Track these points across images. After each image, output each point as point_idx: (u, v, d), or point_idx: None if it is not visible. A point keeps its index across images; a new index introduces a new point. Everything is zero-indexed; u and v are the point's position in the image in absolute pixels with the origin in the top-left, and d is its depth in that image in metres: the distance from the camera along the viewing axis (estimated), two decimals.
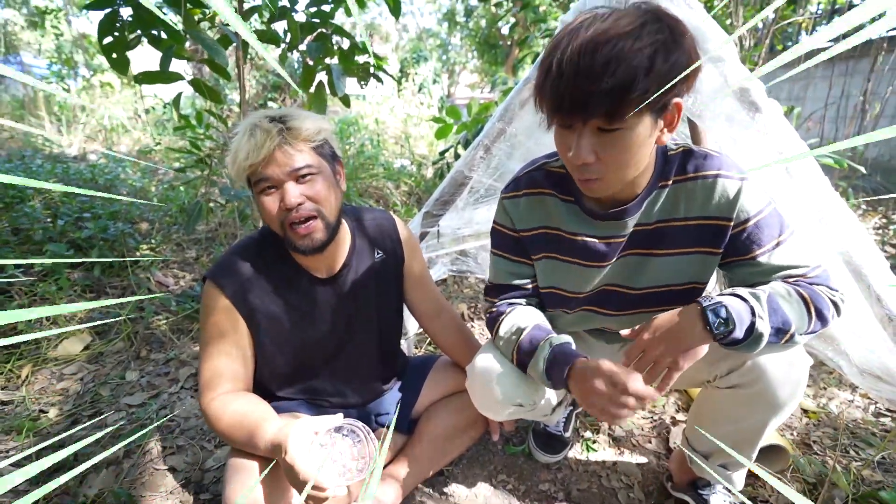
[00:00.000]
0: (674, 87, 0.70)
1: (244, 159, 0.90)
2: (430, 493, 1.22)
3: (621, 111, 0.70)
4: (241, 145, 0.91)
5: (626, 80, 0.67)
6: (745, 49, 3.59)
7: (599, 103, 0.69)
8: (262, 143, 0.89)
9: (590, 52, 0.68)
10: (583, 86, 0.69)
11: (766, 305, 0.78)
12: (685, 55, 0.70)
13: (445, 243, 1.73)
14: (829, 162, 1.91)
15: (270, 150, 0.90)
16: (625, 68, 0.67)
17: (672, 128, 0.78)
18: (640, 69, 0.67)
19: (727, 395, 0.91)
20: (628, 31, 0.68)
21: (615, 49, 0.67)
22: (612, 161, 0.76)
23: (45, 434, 1.40)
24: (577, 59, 0.68)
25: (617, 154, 0.75)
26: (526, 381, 1.00)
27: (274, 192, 0.93)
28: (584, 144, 0.75)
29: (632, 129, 0.73)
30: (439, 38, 17.27)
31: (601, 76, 0.67)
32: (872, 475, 1.23)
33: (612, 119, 0.71)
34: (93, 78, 7.38)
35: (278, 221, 0.95)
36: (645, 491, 1.23)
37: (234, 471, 0.91)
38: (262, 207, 0.95)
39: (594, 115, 0.71)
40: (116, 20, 1.62)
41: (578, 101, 0.71)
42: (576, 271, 0.99)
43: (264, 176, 0.92)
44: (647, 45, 0.67)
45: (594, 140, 0.75)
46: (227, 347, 1.00)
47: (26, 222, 2.37)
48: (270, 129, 0.91)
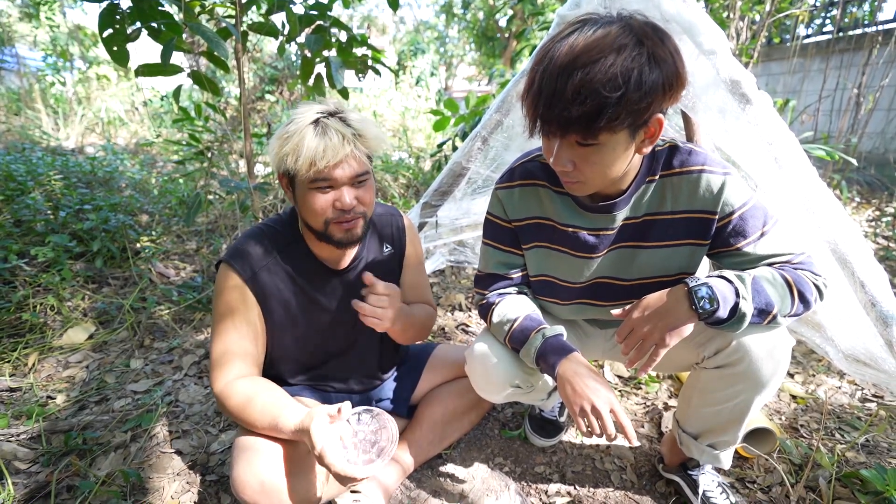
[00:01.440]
0: (650, 107, 0.74)
1: (319, 158, 0.89)
2: (430, 475, 1.26)
3: (592, 133, 0.74)
4: (309, 142, 0.89)
5: (594, 109, 0.71)
6: (742, 42, 3.60)
7: (570, 126, 0.74)
8: (338, 147, 0.90)
9: (564, 76, 0.71)
10: (555, 109, 0.73)
11: (749, 287, 0.82)
12: (664, 76, 0.73)
13: (443, 233, 1.76)
14: (822, 154, 1.94)
15: (344, 155, 0.92)
16: (593, 97, 0.70)
17: (653, 140, 0.82)
18: (610, 98, 0.70)
19: (714, 375, 0.95)
20: (603, 55, 0.70)
21: (587, 76, 0.70)
22: (588, 170, 0.82)
23: (54, 419, 1.43)
24: (553, 82, 0.72)
25: (592, 165, 0.81)
26: (522, 364, 1.04)
27: (329, 191, 0.95)
28: (562, 155, 0.80)
29: (606, 145, 0.77)
30: (437, 30, 17.17)
31: (571, 104, 0.71)
32: (857, 457, 1.28)
33: (586, 138, 0.75)
34: (89, 70, 7.34)
35: (324, 219, 0.97)
36: (637, 473, 1.27)
37: (242, 450, 0.95)
38: (310, 202, 0.95)
39: (569, 132, 0.76)
40: (116, 12, 1.62)
41: (552, 122, 0.75)
42: (567, 261, 1.02)
43: (329, 177, 0.93)
44: (619, 73, 0.69)
45: (571, 151, 0.80)
46: (238, 325, 1.03)
47: (28, 214, 2.39)
48: (345, 133, 0.92)
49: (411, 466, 1.22)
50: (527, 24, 4.96)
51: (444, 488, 1.22)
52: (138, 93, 6.62)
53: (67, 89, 6.69)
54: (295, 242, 1.09)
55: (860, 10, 4.39)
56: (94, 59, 7.72)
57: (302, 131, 0.91)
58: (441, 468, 1.28)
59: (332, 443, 0.84)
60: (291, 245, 1.09)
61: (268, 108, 4.54)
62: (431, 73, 11.45)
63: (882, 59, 3.58)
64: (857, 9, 4.41)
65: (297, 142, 0.91)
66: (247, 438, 0.97)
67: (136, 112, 6.32)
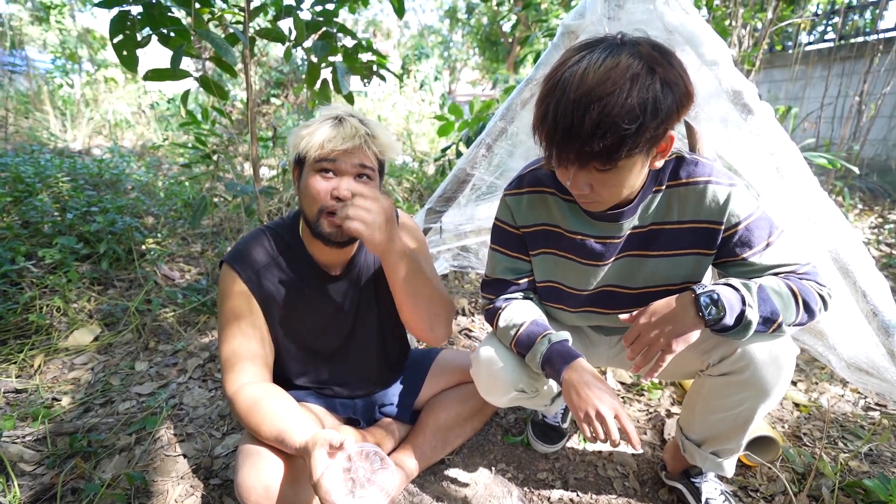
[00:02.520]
0: (666, 130, 0.76)
1: (327, 141, 0.96)
2: (432, 481, 1.26)
3: (611, 162, 0.76)
4: (325, 129, 0.97)
5: (614, 143, 0.73)
6: (744, 49, 3.62)
7: (590, 159, 0.76)
8: (349, 135, 0.97)
9: (581, 110, 0.72)
10: (575, 144, 0.74)
11: (756, 295, 0.82)
12: (677, 99, 0.74)
13: (447, 239, 1.77)
14: (824, 162, 1.95)
15: (354, 144, 0.97)
16: (613, 131, 0.71)
17: (665, 154, 0.83)
18: (630, 130, 0.71)
19: (719, 383, 0.95)
20: (618, 87, 0.70)
21: (605, 109, 0.70)
22: (605, 192, 0.83)
23: (59, 421, 1.44)
24: (570, 117, 0.73)
25: (611, 188, 0.83)
26: (528, 369, 1.04)
27: (331, 177, 0.99)
28: (580, 180, 0.82)
29: (624, 168, 0.79)
30: (441, 34, 17.25)
31: (591, 138, 0.72)
32: (860, 466, 1.28)
33: (605, 165, 0.77)
34: (97, 73, 7.40)
35: (319, 205, 0.99)
36: (640, 480, 1.27)
37: (247, 456, 0.95)
38: (310, 185, 0.99)
39: (588, 163, 0.77)
40: (127, 19, 1.65)
41: (571, 154, 0.76)
42: (574, 268, 1.03)
43: (334, 160, 0.98)
44: (637, 105, 0.71)
45: (588, 177, 0.81)
46: (244, 327, 1.04)
47: (36, 216, 2.41)
48: (359, 128, 0.99)
49: (414, 472, 1.23)
50: (530, 30, 4.99)
51: (447, 494, 1.22)
52: (145, 95, 6.67)
53: (75, 91, 6.75)
54: (295, 246, 1.11)
55: (861, 18, 4.40)
56: (103, 62, 7.79)
57: (322, 120, 0.99)
58: (444, 473, 1.28)
59: (330, 474, 0.85)
60: (291, 248, 1.10)
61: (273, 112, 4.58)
62: (435, 77, 11.50)
63: (883, 67, 3.58)
64: (858, 17, 4.43)
65: (314, 127, 0.98)
66: (251, 445, 0.97)
67: (143, 115, 6.37)
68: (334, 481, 0.85)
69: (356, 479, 0.90)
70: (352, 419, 1.24)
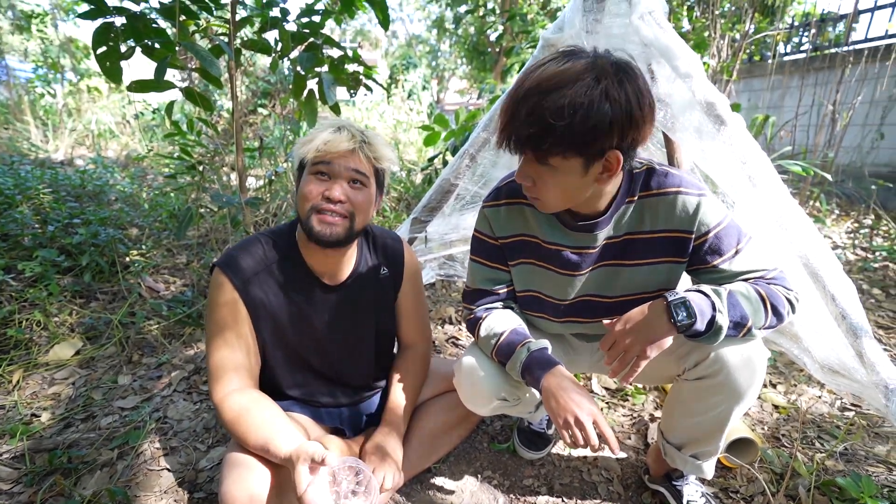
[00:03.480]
0: (596, 140, 0.79)
1: (323, 143, 1.02)
2: (419, 489, 1.26)
3: (542, 154, 0.82)
4: (323, 134, 1.03)
5: (540, 132, 0.78)
6: (723, 60, 3.72)
7: (522, 145, 0.83)
8: (345, 139, 1.03)
9: (523, 101, 0.80)
10: (511, 127, 0.83)
11: (725, 301, 0.85)
12: (612, 115, 0.77)
13: (433, 248, 1.78)
14: (798, 170, 2.01)
15: (348, 148, 1.03)
16: (540, 122, 0.78)
17: (612, 174, 0.86)
18: (555, 126, 0.77)
19: (694, 387, 0.98)
20: (560, 87, 0.77)
21: (539, 103, 0.78)
22: (544, 190, 0.88)
23: (38, 437, 1.42)
24: (514, 105, 0.81)
25: (548, 186, 0.87)
26: (509, 377, 1.06)
27: (325, 179, 1.03)
28: (524, 169, 0.89)
29: (559, 169, 0.84)
30: (429, 44, 17.41)
31: (521, 126, 0.80)
32: (835, 465, 1.31)
33: (538, 158, 0.83)
34: (80, 82, 7.32)
35: (311, 204, 1.02)
36: (623, 484, 1.29)
37: (232, 466, 0.95)
38: (303, 186, 1.04)
39: (522, 151, 0.85)
40: (111, 30, 1.65)
41: (509, 138, 0.84)
42: (552, 278, 1.06)
43: (328, 163, 1.02)
44: (566, 105, 0.76)
45: (530, 168, 0.87)
46: (231, 337, 1.04)
47: (15, 228, 2.37)
48: (356, 134, 1.05)
49: (401, 481, 1.23)
50: (516, 40, 5.07)
51: (434, 502, 1.22)
52: (129, 106, 6.61)
53: (57, 101, 6.66)
54: (291, 254, 1.11)
55: (834, 30, 4.56)
56: (86, 72, 7.71)
57: (322, 128, 1.05)
58: (430, 482, 1.29)
59: (315, 488, 0.86)
60: (287, 256, 1.11)
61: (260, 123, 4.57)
62: (423, 86, 11.59)
63: (854, 77, 3.71)
64: (832, 29, 4.59)
65: (315, 133, 1.04)
66: (237, 454, 0.97)
67: (128, 125, 6.31)
68: (319, 495, 0.85)
69: (340, 493, 0.90)
70: (338, 429, 1.24)
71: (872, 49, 3.80)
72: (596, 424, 0.87)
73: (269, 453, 0.93)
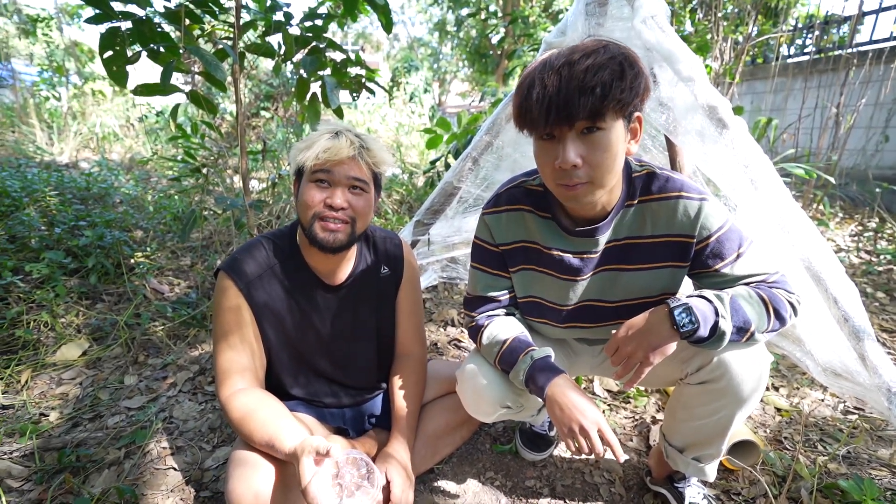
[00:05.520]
0: (640, 94, 0.82)
1: (322, 151, 1.02)
2: (422, 490, 1.27)
3: (603, 110, 0.79)
4: (322, 141, 1.03)
5: (607, 80, 0.78)
6: (726, 62, 3.72)
7: (586, 103, 0.78)
8: (344, 146, 1.03)
9: (570, 65, 0.79)
10: (570, 89, 0.78)
11: (728, 306, 0.85)
12: (640, 74, 0.82)
13: (436, 251, 1.79)
14: (801, 173, 2.01)
15: (348, 155, 1.04)
16: (604, 72, 0.78)
17: (637, 139, 0.89)
18: (615, 74, 0.78)
19: (697, 391, 0.98)
20: (596, 49, 0.80)
21: (593, 59, 0.79)
22: (595, 163, 0.84)
23: (47, 436, 1.43)
24: (560, 71, 0.79)
25: (600, 155, 0.83)
26: (512, 385, 1.06)
27: (326, 187, 1.04)
28: (570, 148, 0.83)
29: (610, 130, 0.82)
30: (430, 47, 17.45)
31: (585, 78, 0.78)
32: (838, 468, 1.31)
33: (595, 118, 0.80)
34: (84, 86, 7.38)
35: (313, 211, 1.04)
36: (625, 486, 1.30)
37: (238, 464, 0.96)
38: (306, 194, 1.05)
39: (580, 117, 0.80)
40: (117, 34, 1.67)
41: (565, 105, 0.79)
42: (553, 283, 1.06)
43: (329, 171, 1.03)
44: (614, 60, 0.79)
45: (578, 144, 0.83)
46: (233, 342, 1.06)
47: (23, 230, 2.40)
48: (354, 141, 1.06)
49: (411, 491, 1.23)
50: (518, 43, 5.09)
51: (437, 502, 1.23)
52: (134, 109, 6.66)
53: (62, 104, 6.72)
54: (293, 256, 1.13)
55: (838, 32, 4.56)
56: (90, 75, 7.77)
57: (320, 134, 1.05)
58: (433, 483, 1.30)
59: (318, 480, 0.87)
60: (289, 258, 1.13)
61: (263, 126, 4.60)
62: (425, 89, 11.62)
63: (858, 79, 3.71)
64: (835, 31, 4.59)
65: (313, 139, 1.04)
66: (243, 452, 0.98)
67: (131, 128, 6.35)
68: (322, 488, 0.86)
69: (344, 486, 0.91)
70: (341, 429, 1.25)
71: (877, 51, 3.79)
72: (600, 432, 0.88)
73: (274, 449, 0.94)
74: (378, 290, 1.23)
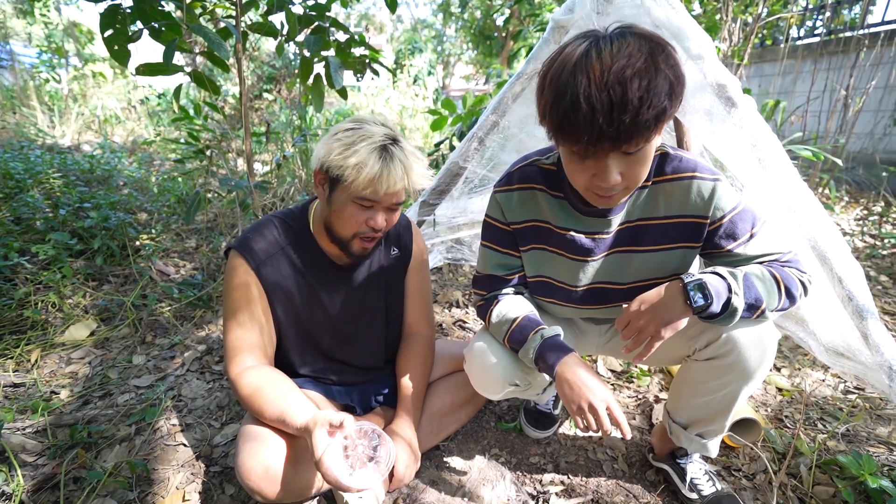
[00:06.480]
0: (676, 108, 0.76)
1: (379, 182, 0.96)
2: (428, 466, 1.30)
3: (654, 135, 0.75)
4: (373, 164, 0.95)
5: (660, 110, 0.72)
6: (734, 43, 3.66)
7: (637, 133, 0.73)
8: (397, 178, 0.98)
9: (619, 87, 0.70)
10: (622, 119, 0.71)
11: (741, 283, 0.86)
12: (682, 77, 0.76)
13: (441, 231, 1.80)
14: (808, 155, 2.00)
15: (399, 188, 1.00)
16: (657, 100, 0.71)
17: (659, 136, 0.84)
18: (668, 96, 0.72)
19: (704, 367, 0.99)
20: (647, 65, 0.71)
21: (646, 84, 0.70)
22: (634, 176, 0.82)
23: (59, 413, 1.46)
24: (611, 92, 0.70)
25: (640, 168, 0.81)
26: (521, 363, 1.07)
27: (370, 208, 1.02)
28: (612, 168, 0.79)
29: (651, 143, 0.79)
30: (434, 28, 17.18)
31: (639, 109, 0.70)
32: (837, 445, 1.33)
33: (640, 143, 0.76)
34: (84, 67, 7.30)
35: (355, 231, 1.04)
36: (628, 462, 1.32)
37: (247, 438, 0.98)
38: (347, 213, 1.02)
39: (626, 143, 0.74)
40: (118, 13, 1.65)
41: (616, 136, 0.73)
42: (564, 263, 1.06)
43: (378, 200, 1.00)
44: (665, 77, 0.72)
45: (619, 162, 0.79)
46: (247, 317, 1.07)
47: (27, 212, 2.41)
48: (406, 164, 1.00)
49: (416, 467, 1.26)
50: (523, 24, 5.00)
51: (442, 478, 1.26)
52: (135, 91, 6.60)
53: (63, 86, 6.66)
54: (305, 237, 1.13)
55: (849, 13, 4.46)
56: (90, 57, 7.68)
57: (369, 150, 0.96)
58: (439, 459, 1.32)
59: (331, 452, 0.88)
60: (301, 239, 1.13)
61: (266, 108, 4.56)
62: (429, 71, 11.47)
63: (869, 61, 3.64)
64: (847, 12, 4.49)
65: (362, 159, 0.95)
66: (252, 427, 1.00)
67: (133, 110, 6.31)
68: (335, 459, 0.88)
69: (356, 456, 0.93)
70: (348, 406, 1.27)
71: (889, 32, 3.71)
72: (609, 410, 0.89)
73: (285, 424, 0.95)
74: (387, 271, 1.23)
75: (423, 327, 1.32)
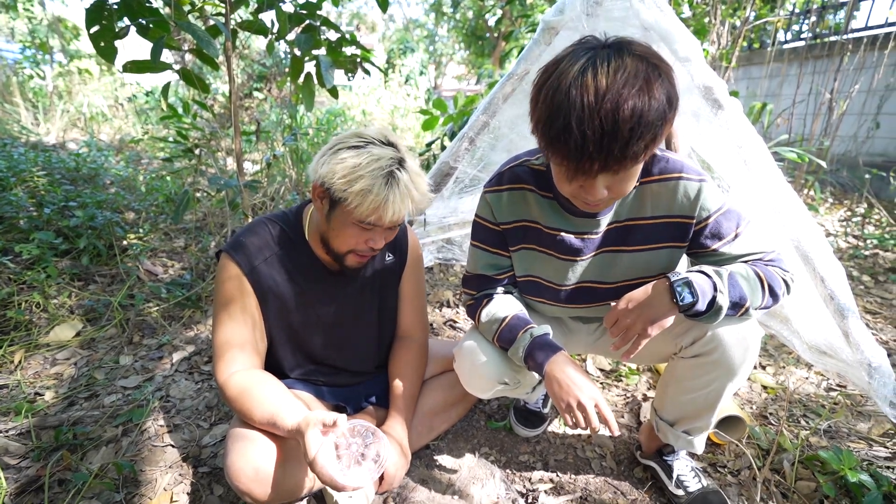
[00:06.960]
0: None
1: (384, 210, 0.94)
2: (418, 465, 1.30)
3: (645, 155, 0.76)
4: (379, 191, 0.92)
5: (650, 139, 0.73)
6: (722, 46, 3.71)
7: (625, 159, 0.74)
8: (402, 207, 0.96)
9: (611, 116, 0.69)
10: (612, 147, 0.71)
11: (726, 281, 0.88)
12: (677, 91, 0.76)
13: (431, 231, 1.80)
14: (794, 157, 2.03)
15: (401, 217, 0.99)
16: (648, 130, 0.71)
17: None
18: (661, 117, 0.72)
19: (690, 364, 1.01)
20: (640, 93, 0.70)
21: (638, 114, 0.70)
22: (621, 190, 0.84)
23: (43, 415, 1.44)
24: (602, 119, 0.70)
25: (627, 183, 0.83)
26: (510, 362, 1.08)
27: (370, 229, 1.00)
28: (599, 184, 0.80)
29: (640, 163, 0.80)
30: (426, 28, 17.16)
31: (629, 141, 0.71)
32: (819, 441, 1.36)
33: (630, 167, 0.77)
34: (70, 64, 7.18)
35: (352, 248, 1.03)
36: (616, 460, 1.33)
37: (236, 439, 0.97)
38: (347, 233, 1.00)
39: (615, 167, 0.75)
40: (104, 8, 1.63)
41: (606, 161, 0.74)
42: (553, 263, 1.07)
43: (380, 224, 0.98)
44: (659, 105, 0.71)
45: (607, 180, 0.80)
46: (235, 316, 1.05)
47: (10, 210, 2.36)
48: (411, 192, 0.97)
49: (406, 466, 1.26)
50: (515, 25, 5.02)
51: (433, 477, 1.26)
52: (122, 88, 6.51)
53: (47, 83, 6.55)
54: (298, 242, 1.12)
55: (834, 18, 4.55)
56: (76, 53, 7.56)
57: (375, 176, 0.93)
58: (429, 458, 1.32)
59: (324, 452, 0.88)
60: (294, 244, 1.12)
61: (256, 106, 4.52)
62: (421, 71, 11.46)
63: (852, 65, 3.72)
64: (832, 17, 4.58)
65: (367, 186, 0.92)
66: (241, 429, 0.99)
67: (121, 108, 6.22)
68: (329, 458, 0.88)
69: (350, 455, 0.93)
70: (339, 406, 1.26)
71: (871, 37, 3.80)
72: (597, 408, 0.90)
73: (275, 426, 0.95)
74: (382, 276, 1.23)
75: (417, 331, 1.32)
